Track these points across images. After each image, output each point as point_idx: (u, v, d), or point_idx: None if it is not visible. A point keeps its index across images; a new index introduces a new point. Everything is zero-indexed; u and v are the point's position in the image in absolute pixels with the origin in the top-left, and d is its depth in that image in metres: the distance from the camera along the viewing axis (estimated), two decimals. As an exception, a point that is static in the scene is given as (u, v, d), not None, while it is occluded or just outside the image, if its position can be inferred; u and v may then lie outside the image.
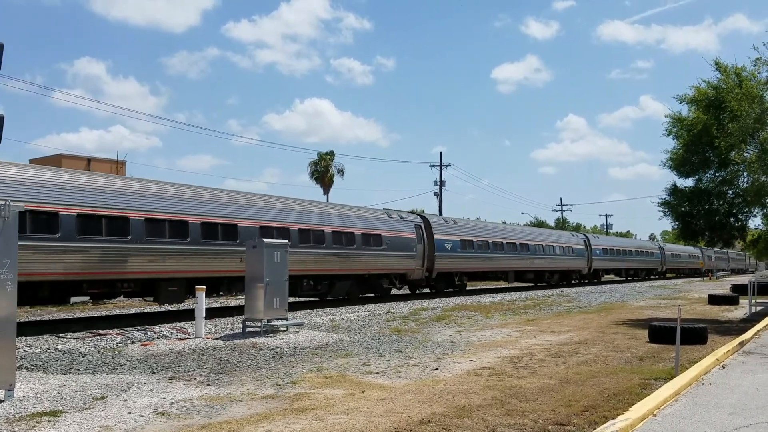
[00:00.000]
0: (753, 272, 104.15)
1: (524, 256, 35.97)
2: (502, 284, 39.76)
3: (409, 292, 30.06)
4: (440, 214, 49.64)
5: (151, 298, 17.61)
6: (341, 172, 57.00)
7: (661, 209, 21.98)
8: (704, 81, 20.04)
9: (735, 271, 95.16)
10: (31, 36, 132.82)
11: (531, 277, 39.05)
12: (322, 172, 55.64)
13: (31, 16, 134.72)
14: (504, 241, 34.13)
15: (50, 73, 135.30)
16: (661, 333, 13.41)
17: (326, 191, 55.63)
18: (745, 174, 19.59)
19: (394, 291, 27.99)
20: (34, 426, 6.56)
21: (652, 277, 59.66)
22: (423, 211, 56.35)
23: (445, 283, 30.14)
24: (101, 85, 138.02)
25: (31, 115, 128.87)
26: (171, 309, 18.95)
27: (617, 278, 55.24)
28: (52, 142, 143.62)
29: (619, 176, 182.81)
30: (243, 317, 14.63)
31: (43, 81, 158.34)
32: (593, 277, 46.92)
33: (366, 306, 22.16)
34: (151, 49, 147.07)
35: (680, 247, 74.17)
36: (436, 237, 28.28)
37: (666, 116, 21.22)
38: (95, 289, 16.07)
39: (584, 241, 44.62)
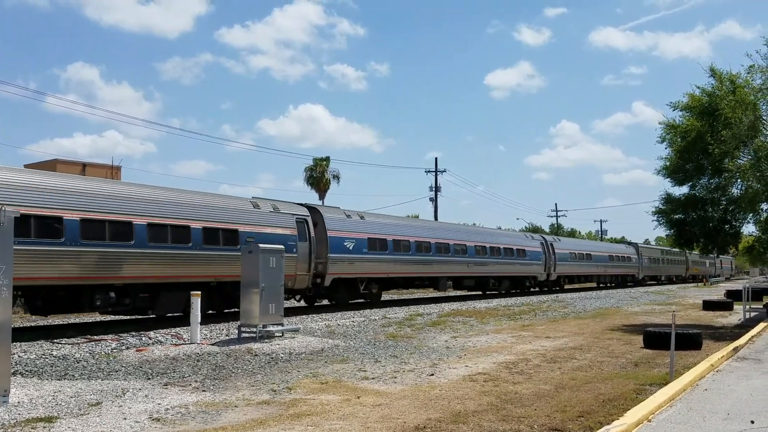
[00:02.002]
0: (728, 279, 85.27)
1: None
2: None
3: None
4: (435, 219, 49.63)
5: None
6: (337, 177, 57.06)
7: (655, 218, 22.04)
8: (698, 87, 20.15)
9: (699, 279, 70.77)
10: (23, 41, 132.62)
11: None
12: (318, 177, 55.63)
13: (23, 21, 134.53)
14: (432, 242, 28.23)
15: (43, 78, 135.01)
16: (655, 338, 13.45)
17: (322, 197, 55.56)
18: (739, 181, 19.68)
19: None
20: (29, 432, 6.54)
21: (531, 290, 38.95)
22: (418, 217, 56.19)
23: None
24: (95, 90, 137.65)
25: (24, 120, 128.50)
26: (166, 315, 18.85)
27: (431, 293, 35.09)
28: (45, 148, 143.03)
29: (613, 182, 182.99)
30: (238, 323, 14.61)
31: (36, 86, 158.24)
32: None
33: (362, 311, 22.15)
34: (144, 55, 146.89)
35: (591, 243, 55.13)
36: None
37: (660, 123, 21.32)
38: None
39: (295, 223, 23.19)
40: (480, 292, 34.41)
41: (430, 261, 28.11)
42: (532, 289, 39.19)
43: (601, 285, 50.47)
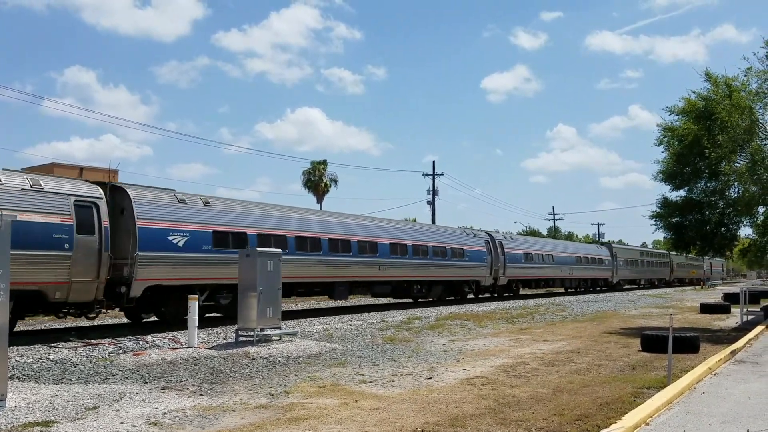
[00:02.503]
0: (719, 284, 77.83)
1: None
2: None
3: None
4: (433, 223, 49.60)
5: None
6: (335, 181, 57.01)
7: (653, 222, 22.08)
8: (694, 92, 20.21)
9: (686, 283, 69.69)
10: (20, 45, 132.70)
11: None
12: (316, 181, 55.57)
13: (20, 25, 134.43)
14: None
15: (40, 81, 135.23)
16: (653, 342, 13.47)
17: (320, 200, 55.54)
18: (736, 184, 19.72)
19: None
20: (26, 436, 6.51)
21: (479, 297, 34.35)
22: (415, 220, 55.96)
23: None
24: (91, 93, 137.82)
25: (21, 124, 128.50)
26: (401, 301, 18.50)
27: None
28: (43, 151, 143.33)
29: (610, 185, 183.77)
30: (236, 326, 14.58)
31: (33, 89, 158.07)
32: None
33: (359, 315, 22.14)
34: (141, 59, 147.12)
35: (553, 242, 47.31)
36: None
37: (657, 125, 21.37)
38: None
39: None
40: (410, 300, 29.35)
41: (319, 262, 21.71)
42: (480, 296, 34.30)
43: (569, 290, 45.74)
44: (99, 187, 15.80)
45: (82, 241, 14.65)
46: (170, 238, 16.71)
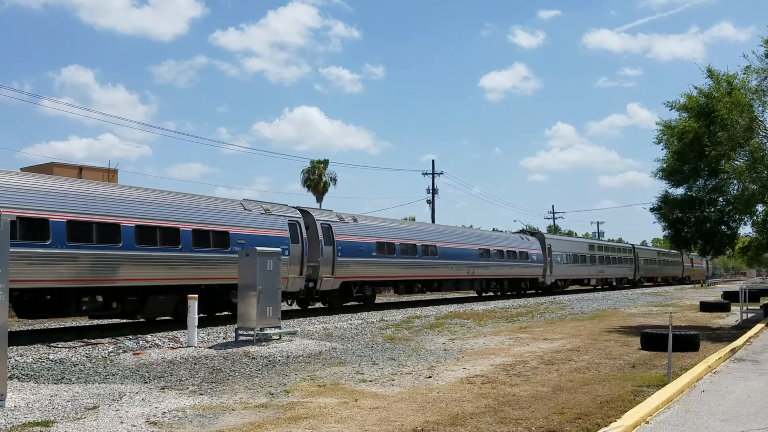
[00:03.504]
0: (703, 283, 63.93)
1: None
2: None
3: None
4: (433, 222, 49.56)
5: None
6: (334, 180, 57.02)
7: (655, 215, 22.10)
8: (695, 88, 20.19)
9: (657, 283, 60.34)
10: (18, 44, 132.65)
11: None
12: (315, 180, 55.57)
13: (17, 25, 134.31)
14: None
15: (38, 81, 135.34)
16: (653, 340, 13.46)
17: (319, 199, 55.56)
18: (735, 182, 19.72)
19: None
20: (26, 436, 6.51)
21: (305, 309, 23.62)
22: (414, 219, 55.99)
23: None
24: (90, 92, 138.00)
25: (20, 124, 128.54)
26: (163, 318, 18.78)
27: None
28: (41, 151, 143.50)
29: (609, 184, 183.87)
30: (236, 326, 14.59)
31: (31, 89, 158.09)
32: None
33: (359, 314, 22.16)
34: (139, 58, 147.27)
35: (443, 229, 32.42)
36: None
37: (657, 123, 21.37)
38: None
39: None
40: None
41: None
42: (310, 306, 23.57)
43: (485, 294, 35.60)
44: None
45: None
46: None
